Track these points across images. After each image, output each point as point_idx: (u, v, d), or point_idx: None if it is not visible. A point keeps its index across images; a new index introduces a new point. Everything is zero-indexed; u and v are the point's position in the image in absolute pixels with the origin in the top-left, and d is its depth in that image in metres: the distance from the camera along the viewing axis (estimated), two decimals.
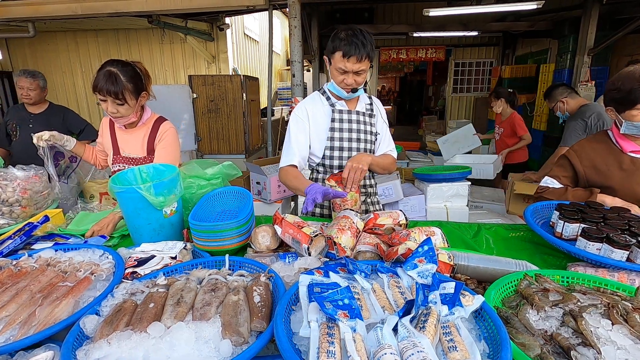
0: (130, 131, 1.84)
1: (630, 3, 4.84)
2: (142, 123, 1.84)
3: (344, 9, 7.37)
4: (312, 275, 0.89)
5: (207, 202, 1.55)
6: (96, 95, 1.67)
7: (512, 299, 0.98)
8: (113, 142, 1.86)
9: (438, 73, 12.44)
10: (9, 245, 1.30)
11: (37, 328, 0.85)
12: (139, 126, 1.84)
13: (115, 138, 1.86)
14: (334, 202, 1.65)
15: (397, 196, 3.48)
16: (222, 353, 0.73)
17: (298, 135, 1.73)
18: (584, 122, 2.93)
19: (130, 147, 1.84)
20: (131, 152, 1.83)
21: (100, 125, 1.92)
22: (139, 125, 1.84)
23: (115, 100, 1.65)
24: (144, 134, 1.83)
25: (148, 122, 1.85)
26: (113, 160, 1.84)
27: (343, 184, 1.55)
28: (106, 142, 1.89)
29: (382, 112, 1.88)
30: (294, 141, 1.73)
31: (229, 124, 4.69)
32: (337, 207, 1.62)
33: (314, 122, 1.74)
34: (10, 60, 6.79)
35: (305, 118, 1.73)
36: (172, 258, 1.18)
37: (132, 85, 1.68)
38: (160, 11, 4.52)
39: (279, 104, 8.30)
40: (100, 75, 1.64)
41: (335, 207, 1.63)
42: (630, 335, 0.78)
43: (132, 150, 1.84)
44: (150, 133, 1.84)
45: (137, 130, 1.84)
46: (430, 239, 1.01)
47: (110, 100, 1.65)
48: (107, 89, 1.62)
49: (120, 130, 1.85)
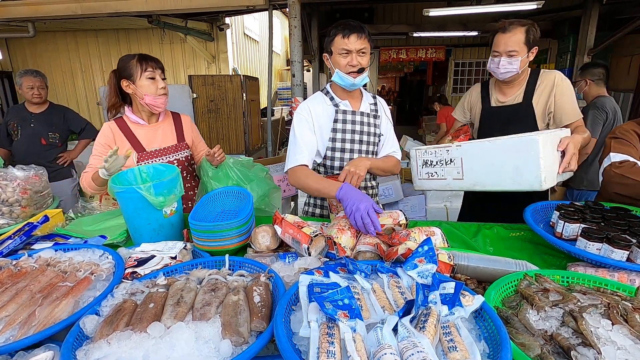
0: (156, 125, 1.86)
1: (630, 3, 4.85)
2: (164, 115, 1.90)
3: (343, 9, 7.38)
4: (312, 275, 0.89)
5: (207, 202, 1.55)
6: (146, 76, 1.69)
7: (512, 299, 0.98)
8: (133, 141, 1.79)
9: (438, 73, 12.44)
10: (8, 245, 1.29)
11: (36, 328, 0.85)
12: (163, 119, 1.89)
13: (136, 137, 1.80)
14: (331, 203, 1.64)
15: (397, 196, 3.49)
16: (222, 353, 0.73)
17: (305, 133, 1.69)
18: (604, 114, 2.89)
19: (159, 140, 1.84)
20: (161, 144, 1.84)
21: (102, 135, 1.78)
22: (162, 118, 1.89)
23: (161, 74, 1.74)
24: (169, 124, 1.90)
25: (167, 114, 1.93)
26: (138, 159, 1.79)
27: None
28: (122, 145, 1.76)
29: (386, 112, 1.86)
30: (300, 140, 1.67)
31: (229, 124, 4.69)
32: (334, 209, 1.61)
33: (317, 122, 1.70)
34: (10, 60, 6.79)
35: (309, 117, 1.69)
36: (172, 258, 1.18)
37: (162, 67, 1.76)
38: (160, 11, 4.52)
39: (279, 104, 8.30)
40: (137, 57, 1.70)
41: (333, 209, 1.62)
42: (631, 336, 0.78)
43: (162, 142, 1.85)
44: (175, 122, 1.93)
45: (163, 123, 1.88)
46: (430, 239, 1.01)
47: (158, 74, 1.72)
48: (155, 64, 1.71)
49: (144, 128, 1.82)
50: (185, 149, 1.91)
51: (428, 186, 1.78)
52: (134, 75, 1.69)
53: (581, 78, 3.10)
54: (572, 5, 5.44)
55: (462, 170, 1.62)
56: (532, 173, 1.40)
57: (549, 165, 1.41)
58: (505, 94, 1.97)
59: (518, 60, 1.78)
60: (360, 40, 1.57)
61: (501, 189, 1.51)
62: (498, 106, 2.00)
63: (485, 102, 2.04)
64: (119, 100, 1.81)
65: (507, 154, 1.47)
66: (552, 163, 1.45)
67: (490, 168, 1.52)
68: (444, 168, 1.68)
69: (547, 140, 1.42)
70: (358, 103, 1.77)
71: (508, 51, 1.77)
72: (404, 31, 7.09)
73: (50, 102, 3.39)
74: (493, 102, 2.02)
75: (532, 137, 1.39)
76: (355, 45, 1.57)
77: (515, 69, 1.80)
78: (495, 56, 1.84)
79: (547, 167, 1.40)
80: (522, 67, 1.81)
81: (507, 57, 1.78)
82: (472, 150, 1.59)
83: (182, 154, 1.89)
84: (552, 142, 1.47)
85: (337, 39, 1.59)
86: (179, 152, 1.88)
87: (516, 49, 1.75)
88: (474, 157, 1.58)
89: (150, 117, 1.85)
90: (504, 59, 1.79)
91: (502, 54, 1.79)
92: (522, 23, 1.76)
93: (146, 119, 1.83)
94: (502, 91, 1.98)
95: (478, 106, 2.08)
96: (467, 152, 1.60)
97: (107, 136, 1.77)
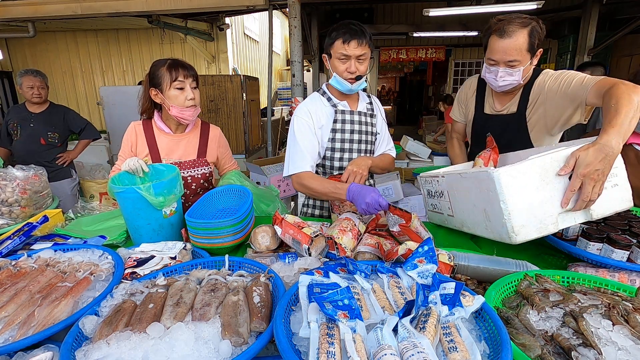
0: (181, 136, 1.76)
1: (630, 3, 4.85)
2: (193, 125, 1.79)
3: (343, 9, 7.38)
4: (312, 276, 0.89)
5: (208, 200, 1.55)
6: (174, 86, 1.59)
7: (513, 299, 0.98)
8: (152, 149, 1.72)
9: (438, 73, 12.45)
10: (8, 245, 1.29)
11: (36, 328, 0.85)
12: (190, 130, 1.79)
13: (156, 145, 1.73)
14: (333, 204, 1.64)
15: (397, 196, 3.48)
16: (221, 354, 0.73)
17: (306, 137, 1.65)
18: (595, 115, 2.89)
19: (179, 152, 1.75)
20: (181, 157, 1.75)
21: (127, 134, 1.74)
22: (189, 129, 1.78)
23: (192, 83, 1.63)
24: (195, 136, 1.80)
25: (196, 125, 1.83)
26: None
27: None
28: (141, 149, 1.73)
29: (381, 111, 1.88)
30: (302, 144, 1.64)
31: (229, 124, 4.69)
32: (336, 209, 1.61)
33: (317, 123, 1.69)
34: (10, 60, 6.80)
35: (310, 119, 1.67)
36: (171, 258, 1.18)
37: (195, 74, 1.66)
38: (160, 11, 4.53)
39: (279, 104, 8.30)
40: (168, 63, 1.61)
41: (335, 209, 1.62)
42: (631, 336, 0.78)
43: (183, 155, 1.75)
44: (201, 135, 1.81)
45: (189, 135, 1.78)
46: (430, 239, 1.01)
47: (189, 83, 1.62)
48: (186, 73, 1.60)
49: (168, 137, 1.75)
50: (204, 165, 1.79)
51: (433, 219, 1.53)
52: (163, 84, 1.61)
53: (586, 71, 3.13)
54: (572, 6, 5.44)
55: (451, 205, 1.35)
56: (498, 220, 1.05)
57: (524, 208, 1.03)
58: (501, 102, 1.70)
59: (520, 70, 1.48)
60: (361, 46, 1.54)
61: (479, 234, 1.21)
62: (492, 114, 1.74)
63: (479, 107, 1.79)
64: (151, 106, 1.75)
65: (474, 191, 1.14)
66: (538, 204, 1.04)
67: (469, 206, 1.22)
68: (440, 201, 1.42)
69: (520, 171, 1.02)
70: (355, 103, 1.77)
71: (508, 61, 1.47)
72: (404, 31, 7.10)
73: (50, 102, 3.39)
74: (487, 109, 1.76)
75: (488, 172, 1.04)
76: (355, 51, 1.54)
77: (517, 80, 1.50)
78: (491, 64, 1.53)
79: (521, 211, 1.03)
80: (524, 75, 1.51)
81: (507, 67, 1.49)
82: (453, 182, 1.31)
83: (198, 170, 1.77)
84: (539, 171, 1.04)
85: (337, 43, 1.56)
86: (196, 169, 1.77)
87: (518, 58, 1.44)
88: (457, 191, 1.29)
89: (178, 126, 1.76)
90: (503, 70, 1.50)
91: (500, 63, 1.49)
92: (524, 23, 1.42)
93: (173, 128, 1.76)
94: (498, 98, 1.72)
95: (471, 109, 1.84)
96: (450, 185, 1.33)
97: (130, 137, 1.74)
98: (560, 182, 1.03)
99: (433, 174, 1.43)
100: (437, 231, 1.51)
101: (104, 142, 4.64)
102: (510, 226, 1.01)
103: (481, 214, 1.11)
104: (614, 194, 1.06)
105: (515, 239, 1.01)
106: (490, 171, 1.01)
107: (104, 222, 1.64)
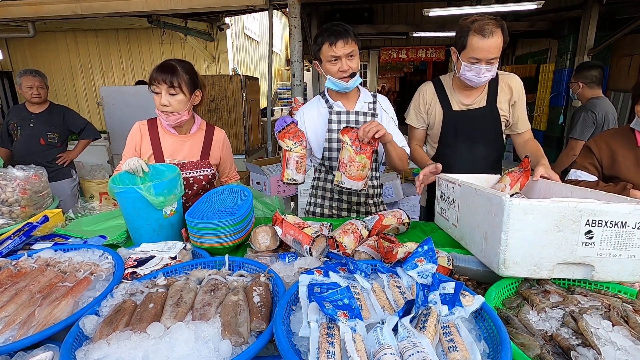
0: (185, 137, 1.76)
1: (630, 3, 4.84)
2: (197, 128, 1.80)
3: (343, 9, 7.37)
4: (311, 275, 0.89)
5: (208, 200, 1.55)
6: (152, 89, 1.60)
7: (513, 300, 0.98)
8: (156, 149, 1.73)
9: (438, 73, 12.44)
10: (8, 245, 1.29)
11: (36, 328, 0.85)
12: (194, 132, 1.79)
13: (160, 145, 1.74)
14: (341, 160, 1.55)
15: (397, 196, 3.49)
16: (221, 353, 0.73)
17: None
18: (594, 115, 2.94)
19: (183, 153, 1.76)
20: (184, 158, 1.75)
21: (132, 133, 1.76)
22: (193, 130, 1.79)
23: (169, 89, 1.58)
24: (200, 138, 1.80)
25: (201, 127, 1.82)
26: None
27: (358, 139, 1.48)
28: (145, 149, 1.73)
29: (388, 110, 1.83)
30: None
31: (229, 124, 4.69)
32: (342, 167, 1.54)
33: (310, 125, 1.78)
34: (10, 60, 6.80)
35: (302, 124, 1.77)
36: (171, 258, 1.18)
37: (187, 77, 1.62)
38: (160, 11, 4.52)
39: (279, 104, 8.31)
40: (156, 68, 1.60)
41: (341, 166, 1.55)
42: (631, 337, 0.78)
43: (186, 156, 1.76)
44: (206, 137, 1.81)
45: (193, 136, 1.79)
46: (430, 239, 1.01)
47: (164, 89, 1.58)
48: (162, 78, 1.57)
49: (173, 138, 1.75)
50: (206, 167, 1.80)
51: (438, 222, 1.54)
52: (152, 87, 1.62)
53: (575, 80, 3.17)
54: (572, 6, 5.44)
55: (458, 215, 1.32)
56: (494, 248, 1.00)
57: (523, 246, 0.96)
58: (469, 97, 1.82)
59: (496, 66, 1.64)
60: (348, 45, 1.58)
61: (474, 254, 1.18)
62: (462, 110, 1.84)
63: (445, 106, 1.86)
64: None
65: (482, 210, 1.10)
66: (541, 246, 0.96)
67: (473, 224, 1.18)
68: (450, 207, 1.40)
69: (536, 209, 0.94)
70: (353, 103, 1.78)
71: (490, 59, 1.59)
72: (404, 31, 7.08)
73: (50, 102, 3.39)
74: (455, 105, 1.84)
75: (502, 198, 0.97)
76: (344, 50, 1.58)
77: (493, 74, 1.66)
78: (473, 63, 1.62)
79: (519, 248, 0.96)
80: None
81: (487, 65, 1.61)
82: (466, 194, 1.25)
83: (201, 172, 1.78)
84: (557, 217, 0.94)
85: (324, 47, 1.60)
86: (199, 170, 1.78)
87: (497, 55, 1.60)
88: (467, 205, 1.24)
89: (181, 127, 1.76)
90: (484, 67, 1.61)
91: (483, 61, 1.60)
92: (497, 23, 1.58)
93: (178, 129, 1.76)
94: (464, 94, 1.83)
95: (437, 111, 1.88)
96: (463, 195, 1.28)
97: (134, 136, 1.74)
98: (575, 234, 0.95)
99: (451, 178, 1.41)
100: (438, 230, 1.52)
101: (104, 142, 4.64)
102: (503, 258, 0.97)
103: (481, 236, 1.09)
104: (626, 264, 0.97)
105: (504, 272, 0.98)
106: (504, 197, 0.97)
107: (104, 222, 1.64)
